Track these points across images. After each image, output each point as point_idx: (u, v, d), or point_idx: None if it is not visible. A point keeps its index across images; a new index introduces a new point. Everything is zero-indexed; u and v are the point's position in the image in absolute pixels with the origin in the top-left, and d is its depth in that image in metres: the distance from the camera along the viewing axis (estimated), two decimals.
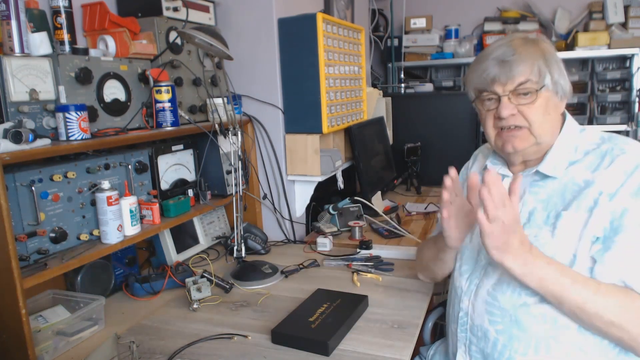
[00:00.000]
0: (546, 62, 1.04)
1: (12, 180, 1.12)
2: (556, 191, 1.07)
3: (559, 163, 1.08)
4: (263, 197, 2.00)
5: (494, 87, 1.06)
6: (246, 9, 1.87)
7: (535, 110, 1.05)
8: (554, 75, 1.05)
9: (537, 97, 1.05)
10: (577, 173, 1.05)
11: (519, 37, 1.08)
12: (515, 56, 1.04)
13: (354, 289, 1.47)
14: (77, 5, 1.47)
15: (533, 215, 1.08)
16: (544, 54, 1.05)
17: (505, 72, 1.04)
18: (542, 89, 1.04)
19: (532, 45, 1.06)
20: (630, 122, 3.21)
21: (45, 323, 1.23)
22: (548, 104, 1.06)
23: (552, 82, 1.05)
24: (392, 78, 3.67)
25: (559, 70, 1.06)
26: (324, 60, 1.83)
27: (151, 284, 1.50)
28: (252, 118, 1.93)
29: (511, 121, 1.07)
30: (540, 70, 1.04)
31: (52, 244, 1.22)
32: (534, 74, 1.04)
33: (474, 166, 1.32)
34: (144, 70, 1.52)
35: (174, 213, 1.56)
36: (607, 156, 1.04)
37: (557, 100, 1.08)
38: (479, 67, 1.09)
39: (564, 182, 1.06)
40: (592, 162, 1.05)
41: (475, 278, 1.14)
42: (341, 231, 1.98)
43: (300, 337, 1.16)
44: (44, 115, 1.23)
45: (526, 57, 1.04)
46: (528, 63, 1.04)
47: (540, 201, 1.08)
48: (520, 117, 1.06)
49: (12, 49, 1.16)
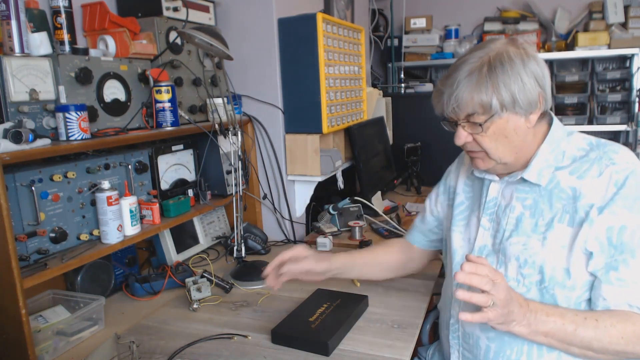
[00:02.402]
0: (494, 90, 0.98)
1: (12, 180, 1.12)
2: (543, 197, 1.06)
3: (544, 169, 1.06)
4: (263, 197, 2.00)
5: (449, 115, 1.05)
6: (246, 9, 1.87)
7: (488, 138, 1.03)
8: (506, 99, 0.98)
9: (488, 127, 1.02)
10: (563, 179, 1.04)
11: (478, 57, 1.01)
12: (459, 89, 1.00)
13: (354, 289, 1.47)
14: (77, 5, 1.47)
15: (521, 222, 1.07)
16: (493, 79, 0.98)
17: (452, 105, 1.02)
18: (492, 118, 1.00)
19: (481, 71, 0.99)
20: (630, 122, 3.20)
21: (45, 323, 1.23)
22: (506, 129, 1.02)
23: (503, 108, 0.99)
24: (392, 78, 3.67)
25: (519, 87, 0.98)
26: (324, 60, 1.83)
27: (151, 284, 1.50)
28: (252, 118, 1.93)
29: (468, 147, 1.08)
30: (482, 103, 0.99)
31: (52, 244, 1.22)
32: (476, 107, 1.00)
33: (460, 168, 1.30)
34: (144, 70, 1.52)
35: (174, 213, 1.56)
36: (595, 165, 1.02)
37: (519, 120, 1.02)
38: (436, 92, 1.07)
39: (550, 188, 1.05)
40: (579, 168, 1.03)
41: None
42: (341, 231, 1.98)
43: (300, 337, 1.16)
44: (44, 115, 1.23)
45: (468, 90, 0.99)
46: (469, 97, 0.99)
47: (528, 207, 1.07)
48: (475, 144, 1.06)
49: (12, 49, 1.16)
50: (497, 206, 1.13)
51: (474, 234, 1.16)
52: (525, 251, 1.04)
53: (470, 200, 1.22)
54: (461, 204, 1.23)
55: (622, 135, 3.32)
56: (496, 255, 1.10)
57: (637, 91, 3.17)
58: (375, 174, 2.35)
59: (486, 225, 1.14)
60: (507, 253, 1.07)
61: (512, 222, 1.08)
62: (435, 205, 1.36)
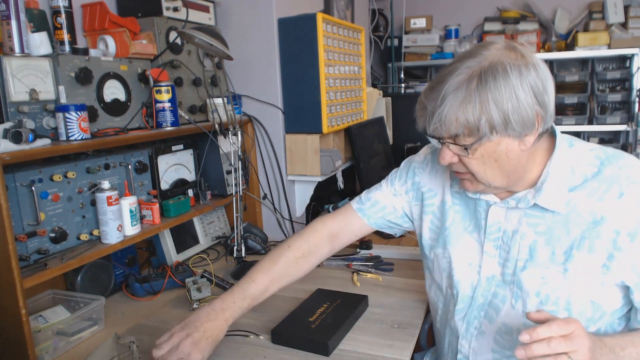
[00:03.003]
0: (484, 108, 0.85)
1: (12, 180, 1.12)
2: (558, 223, 0.94)
3: (559, 192, 0.94)
4: (263, 197, 2.00)
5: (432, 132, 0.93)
6: (246, 9, 1.87)
7: (475, 161, 0.92)
8: (496, 119, 0.86)
9: (474, 150, 0.90)
10: (581, 202, 0.93)
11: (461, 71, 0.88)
12: (441, 108, 0.87)
13: (354, 289, 1.47)
14: (77, 5, 1.47)
15: (535, 251, 0.96)
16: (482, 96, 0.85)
17: (435, 125, 0.89)
18: (480, 140, 0.88)
19: (467, 86, 0.86)
20: (630, 122, 3.20)
21: (45, 323, 1.23)
22: (496, 151, 0.90)
23: (492, 130, 0.87)
24: (392, 78, 3.67)
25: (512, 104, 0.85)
26: (324, 60, 1.83)
27: (151, 284, 1.50)
28: (252, 118, 1.93)
29: (454, 167, 0.97)
30: (469, 124, 0.86)
31: (52, 244, 1.22)
32: (461, 128, 0.87)
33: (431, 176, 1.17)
34: (144, 70, 1.52)
35: (174, 213, 1.56)
36: (615, 185, 0.91)
37: (511, 142, 0.89)
38: (419, 107, 0.95)
39: (566, 213, 0.94)
40: (596, 189, 0.92)
41: (475, 319, 1.05)
42: None
43: (300, 337, 1.16)
44: (44, 115, 1.23)
45: (452, 108, 0.86)
46: (453, 117, 0.87)
47: (541, 234, 0.96)
48: (461, 165, 0.94)
49: (12, 49, 1.16)
50: (502, 232, 1.01)
51: (476, 260, 1.05)
52: (545, 285, 0.94)
53: (461, 214, 1.09)
54: (451, 218, 1.10)
55: (622, 135, 3.32)
56: (509, 288, 1.00)
57: (637, 91, 3.17)
58: (375, 174, 2.35)
59: (491, 252, 1.03)
60: (524, 287, 0.97)
61: (525, 251, 0.97)
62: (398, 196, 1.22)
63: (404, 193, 1.21)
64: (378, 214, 1.23)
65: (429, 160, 1.19)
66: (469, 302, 1.05)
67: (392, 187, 1.23)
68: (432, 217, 1.15)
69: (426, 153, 1.21)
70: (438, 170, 1.15)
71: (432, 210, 1.15)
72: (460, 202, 1.09)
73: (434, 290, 1.17)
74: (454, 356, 1.10)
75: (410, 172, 1.21)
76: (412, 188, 1.20)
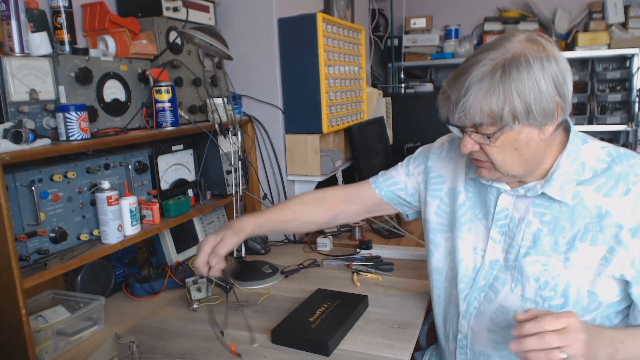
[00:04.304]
0: (508, 98, 0.88)
1: (12, 180, 1.12)
2: (564, 214, 0.98)
3: (566, 184, 0.97)
4: (263, 197, 2.00)
5: (455, 121, 0.96)
6: (246, 9, 1.87)
7: (497, 149, 0.95)
8: (519, 109, 0.88)
9: (495, 139, 0.93)
10: (588, 196, 0.96)
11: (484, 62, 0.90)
12: (465, 97, 0.90)
13: (354, 289, 1.47)
14: (77, 5, 1.47)
15: (539, 239, 1.00)
16: (505, 86, 0.88)
17: (458, 113, 0.92)
18: (502, 129, 0.91)
19: (493, 76, 0.88)
20: (630, 122, 3.20)
21: (45, 323, 1.23)
22: (517, 140, 0.93)
23: (515, 119, 0.90)
24: (392, 78, 3.67)
25: (535, 95, 0.88)
26: (324, 60, 1.83)
27: (151, 284, 1.50)
28: (252, 118, 1.93)
29: (474, 155, 1.00)
30: (492, 113, 0.89)
31: (52, 244, 1.22)
32: (485, 117, 0.90)
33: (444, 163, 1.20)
34: (144, 70, 1.52)
35: (174, 213, 1.56)
36: (622, 182, 0.94)
37: (532, 131, 0.92)
38: (442, 96, 0.97)
39: (573, 205, 0.97)
40: (604, 185, 0.95)
41: (474, 300, 1.08)
42: (341, 231, 1.98)
43: (300, 337, 1.16)
44: (44, 115, 1.23)
45: (477, 98, 0.89)
46: (478, 106, 0.89)
47: (546, 223, 1.00)
48: (482, 153, 0.97)
49: (12, 49, 1.16)
50: (509, 218, 1.05)
51: (481, 245, 1.09)
52: (546, 272, 0.98)
53: (472, 201, 1.13)
54: (463, 205, 1.13)
55: (622, 135, 3.32)
56: (510, 273, 1.03)
57: (637, 91, 3.17)
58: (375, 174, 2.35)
59: (497, 238, 1.06)
60: (525, 272, 1.00)
61: (529, 239, 1.01)
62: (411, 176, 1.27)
63: (416, 174, 1.27)
64: (390, 187, 1.29)
65: (445, 147, 1.23)
66: (471, 283, 1.09)
67: (406, 168, 1.29)
68: (440, 203, 1.19)
69: (443, 141, 1.26)
70: (452, 158, 1.19)
71: (440, 195, 1.19)
72: (474, 190, 1.13)
73: (436, 274, 1.20)
74: (454, 337, 1.13)
75: (425, 157, 1.26)
76: (423, 172, 1.25)
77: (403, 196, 1.28)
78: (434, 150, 1.25)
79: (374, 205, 1.32)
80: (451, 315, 1.15)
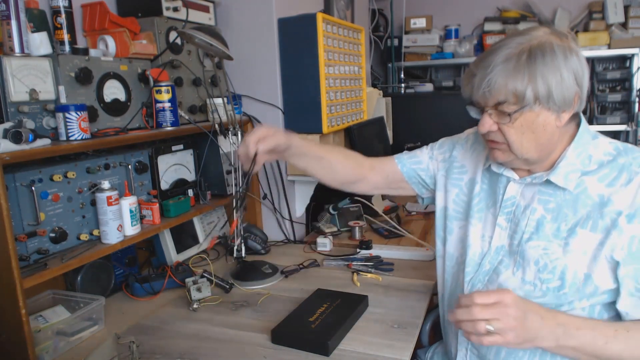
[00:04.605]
0: (531, 80, 0.93)
1: (12, 180, 1.12)
2: (567, 202, 1.01)
3: (571, 173, 1.01)
4: (263, 197, 2.00)
5: (477, 100, 1.01)
6: (246, 9, 1.87)
7: (515, 130, 0.98)
8: (541, 92, 0.93)
9: (516, 118, 0.97)
10: (591, 185, 1.00)
11: (517, 42, 0.96)
12: (493, 74, 0.94)
13: (354, 289, 1.47)
14: (77, 5, 1.47)
15: (542, 225, 1.03)
16: (531, 69, 0.93)
17: (483, 90, 0.96)
18: (522, 109, 0.95)
19: (520, 58, 0.94)
20: (630, 122, 3.21)
21: (45, 323, 1.23)
22: (534, 123, 0.97)
23: (537, 101, 0.94)
24: (392, 78, 3.67)
25: (557, 82, 0.93)
26: (324, 60, 1.83)
27: (151, 284, 1.50)
28: (252, 118, 1.93)
29: (491, 136, 1.03)
30: (516, 92, 0.94)
31: (52, 244, 1.22)
32: (509, 95, 0.95)
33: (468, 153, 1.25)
34: (144, 70, 1.52)
35: (174, 213, 1.56)
36: (625, 172, 0.98)
37: (550, 115, 0.97)
38: (467, 75, 1.02)
39: (576, 194, 1.01)
40: (607, 175, 0.99)
41: (479, 282, 1.12)
42: (341, 231, 1.98)
43: (300, 337, 1.17)
44: (44, 115, 1.23)
45: (503, 76, 0.94)
46: (503, 84, 0.94)
47: (550, 210, 1.03)
48: (500, 134, 1.01)
49: (12, 49, 1.16)
50: (515, 206, 1.09)
51: (489, 232, 1.13)
52: (545, 255, 1.01)
53: (486, 192, 1.17)
54: (478, 195, 1.18)
55: (622, 135, 3.32)
56: (513, 258, 1.07)
57: (637, 91, 3.17)
58: None
59: (503, 224, 1.10)
60: (526, 256, 1.04)
61: (532, 225, 1.04)
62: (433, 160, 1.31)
63: (439, 160, 1.31)
64: (412, 165, 1.34)
65: (470, 139, 1.28)
66: (476, 268, 1.14)
67: (430, 151, 1.34)
68: (459, 192, 1.23)
69: (469, 133, 1.30)
70: (475, 150, 1.24)
71: (460, 184, 1.24)
72: (489, 182, 1.18)
73: (448, 260, 1.24)
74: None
75: (451, 146, 1.30)
76: (447, 159, 1.29)
77: (423, 176, 1.33)
78: (461, 141, 1.29)
79: (394, 182, 1.37)
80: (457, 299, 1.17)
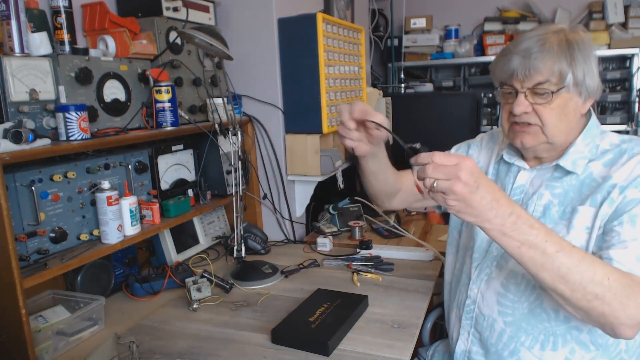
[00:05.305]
0: (572, 63, 1.00)
1: (12, 180, 1.12)
2: (573, 187, 1.06)
3: (580, 159, 1.06)
4: (263, 197, 2.00)
5: (513, 81, 1.04)
6: (246, 9, 1.87)
7: (551, 111, 1.03)
8: (578, 76, 1.01)
9: (555, 99, 1.02)
10: (595, 169, 1.05)
11: (552, 31, 1.03)
12: (538, 54, 1.00)
13: (354, 289, 1.47)
14: (77, 5, 1.47)
15: (549, 209, 1.08)
16: (571, 54, 1.00)
17: (525, 70, 1.01)
18: (561, 90, 1.01)
19: (561, 43, 1.01)
20: (630, 122, 3.20)
21: (45, 323, 1.23)
22: (567, 106, 1.03)
23: (574, 83, 1.02)
24: (392, 78, 3.67)
25: (588, 70, 1.02)
26: (324, 60, 1.83)
27: (151, 284, 1.50)
28: (252, 118, 1.93)
29: (524, 118, 1.06)
30: (561, 72, 1.00)
31: (52, 244, 1.22)
32: (554, 75, 1.00)
33: (493, 149, 1.28)
34: (144, 70, 1.52)
35: (174, 213, 1.56)
36: (626, 154, 1.03)
37: (579, 101, 1.05)
38: (503, 57, 1.06)
39: (582, 179, 1.06)
40: (611, 159, 1.04)
41: (486, 267, 1.15)
42: (341, 231, 1.98)
43: (300, 337, 1.17)
44: (44, 115, 1.23)
45: (549, 56, 1.00)
46: (549, 63, 1.00)
47: (557, 196, 1.08)
48: (534, 115, 1.04)
49: (12, 49, 1.16)
50: (524, 193, 1.13)
51: None
52: None
53: (496, 182, 1.21)
54: None
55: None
56: None
57: (637, 91, 3.17)
58: None
59: None
60: None
61: (540, 210, 1.09)
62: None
63: None
64: None
65: (484, 139, 1.34)
66: (484, 254, 1.17)
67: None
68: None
69: (482, 136, 1.36)
70: (489, 148, 1.30)
71: None
72: (499, 173, 1.23)
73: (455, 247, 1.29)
74: (462, 304, 1.19)
75: (466, 147, 1.36)
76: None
77: None
78: (475, 142, 1.36)
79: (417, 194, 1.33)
80: (463, 283, 1.21)
